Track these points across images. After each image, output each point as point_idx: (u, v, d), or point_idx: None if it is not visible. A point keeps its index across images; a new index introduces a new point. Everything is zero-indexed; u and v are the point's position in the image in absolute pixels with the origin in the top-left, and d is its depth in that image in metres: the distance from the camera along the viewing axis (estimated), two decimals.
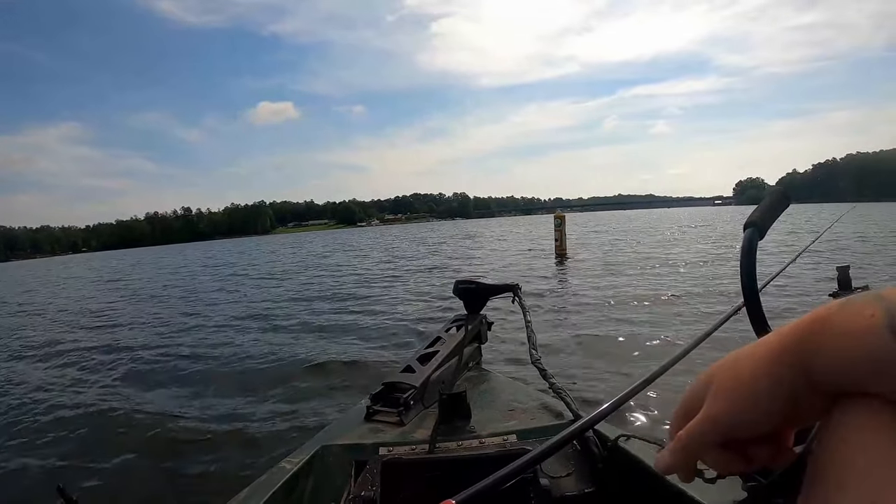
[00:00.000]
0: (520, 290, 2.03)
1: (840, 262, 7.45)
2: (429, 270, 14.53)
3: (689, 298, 7.53)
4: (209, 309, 10.37)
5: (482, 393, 1.67)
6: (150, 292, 15.62)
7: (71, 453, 3.55)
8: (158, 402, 4.48)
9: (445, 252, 22.72)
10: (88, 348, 7.23)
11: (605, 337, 5.56)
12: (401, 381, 1.56)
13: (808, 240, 2.30)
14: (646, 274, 10.58)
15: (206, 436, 3.62)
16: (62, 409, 4.47)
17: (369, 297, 10.01)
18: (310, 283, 13.59)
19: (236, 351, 6.24)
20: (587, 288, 9.10)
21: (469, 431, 1.35)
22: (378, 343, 6.12)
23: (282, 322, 8.05)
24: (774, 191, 0.82)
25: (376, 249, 29.14)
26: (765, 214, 0.78)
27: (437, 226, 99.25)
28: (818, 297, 6.52)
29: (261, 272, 19.69)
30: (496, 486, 0.53)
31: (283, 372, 5.08)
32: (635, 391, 0.71)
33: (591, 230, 32.01)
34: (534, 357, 1.71)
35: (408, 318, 7.47)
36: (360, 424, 1.46)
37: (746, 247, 0.72)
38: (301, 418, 3.84)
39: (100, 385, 5.28)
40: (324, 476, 1.26)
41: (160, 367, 5.77)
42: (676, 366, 0.88)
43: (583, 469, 1.21)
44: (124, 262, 44.35)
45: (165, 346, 6.95)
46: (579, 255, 15.72)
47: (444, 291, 9.11)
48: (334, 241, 47.77)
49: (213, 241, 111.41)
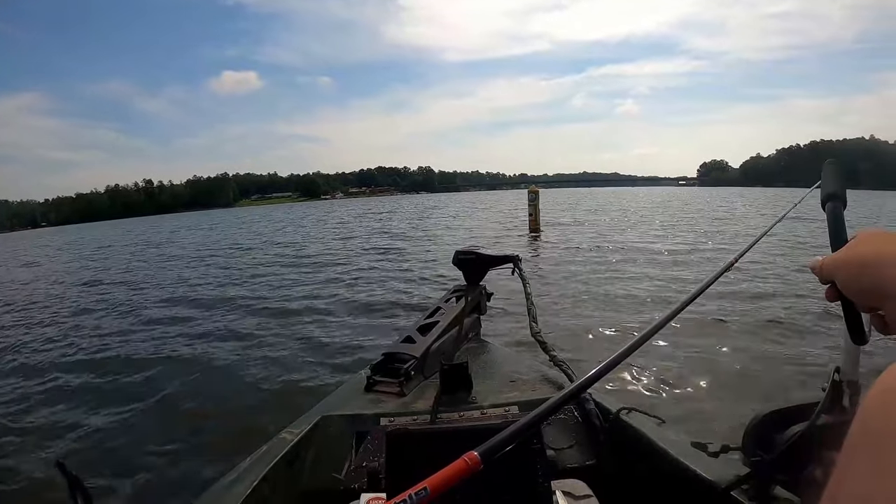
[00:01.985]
0: (520, 262, 2.06)
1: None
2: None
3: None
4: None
5: (483, 364, 1.67)
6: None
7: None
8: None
9: (424, 227, 21.80)
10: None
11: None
12: (401, 352, 1.55)
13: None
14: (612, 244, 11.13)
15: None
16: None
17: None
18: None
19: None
20: (565, 261, 9.50)
21: (471, 402, 1.36)
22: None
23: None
24: (833, 161, 0.81)
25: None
26: (840, 184, 0.75)
27: (402, 199, 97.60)
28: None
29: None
30: (514, 438, 0.54)
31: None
32: (632, 349, 0.70)
33: (558, 206, 32.14)
34: (534, 329, 1.76)
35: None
36: (360, 395, 1.48)
37: (833, 220, 0.67)
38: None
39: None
40: (325, 446, 1.27)
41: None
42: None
43: (585, 441, 1.25)
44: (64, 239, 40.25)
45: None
46: (553, 231, 15.96)
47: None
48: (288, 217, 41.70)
49: (179, 214, 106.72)
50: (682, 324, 4.55)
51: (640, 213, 25.76)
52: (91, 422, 3.55)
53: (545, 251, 11.57)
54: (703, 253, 10.12)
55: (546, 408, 0.60)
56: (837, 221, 0.67)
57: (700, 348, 4.17)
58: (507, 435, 0.54)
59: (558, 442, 1.23)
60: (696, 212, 25.06)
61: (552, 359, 1.60)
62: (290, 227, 27.68)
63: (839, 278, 0.51)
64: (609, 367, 0.68)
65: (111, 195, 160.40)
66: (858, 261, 0.49)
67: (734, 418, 2.79)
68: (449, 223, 23.71)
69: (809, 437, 0.82)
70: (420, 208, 42.71)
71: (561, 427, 1.29)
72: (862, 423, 0.32)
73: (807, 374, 3.49)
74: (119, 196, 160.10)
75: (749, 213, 23.02)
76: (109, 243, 26.28)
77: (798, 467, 0.84)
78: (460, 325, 1.82)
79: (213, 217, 59.27)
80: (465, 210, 36.48)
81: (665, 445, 1.11)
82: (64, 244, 31.40)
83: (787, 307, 5.44)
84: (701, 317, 4.92)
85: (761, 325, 4.80)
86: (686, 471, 1.02)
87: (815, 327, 4.67)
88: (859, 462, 0.31)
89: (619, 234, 14.80)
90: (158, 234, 31.72)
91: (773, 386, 3.32)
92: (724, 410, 3.01)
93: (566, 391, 0.65)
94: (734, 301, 5.69)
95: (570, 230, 16.44)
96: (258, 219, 41.86)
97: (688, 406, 3.20)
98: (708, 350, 4.14)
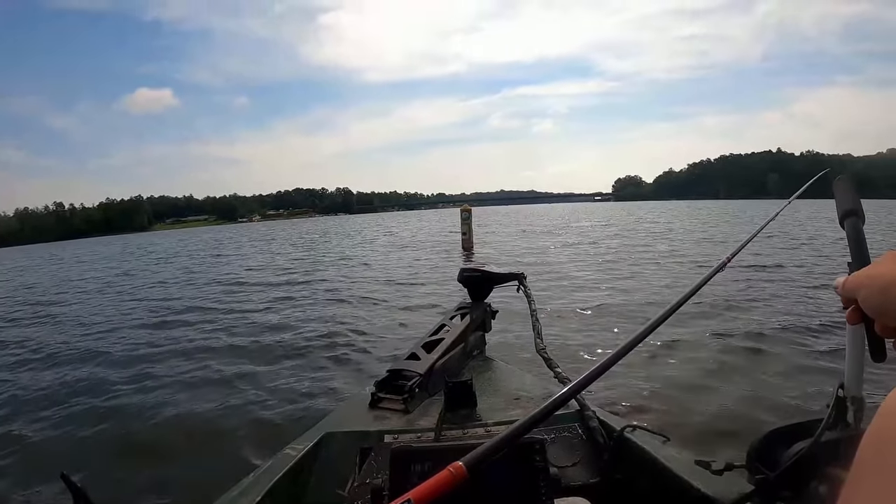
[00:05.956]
0: (525, 279, 2.06)
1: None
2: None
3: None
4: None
5: (487, 381, 1.67)
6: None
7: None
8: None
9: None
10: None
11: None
12: (406, 369, 1.54)
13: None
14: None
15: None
16: None
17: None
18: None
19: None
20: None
21: (475, 419, 1.36)
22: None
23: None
24: (844, 177, 0.82)
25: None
26: (856, 199, 0.76)
27: (320, 221, 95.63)
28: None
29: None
30: (499, 448, 0.55)
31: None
32: (625, 351, 0.71)
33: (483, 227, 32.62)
34: (539, 346, 1.76)
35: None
36: (364, 411, 1.46)
37: (854, 235, 0.68)
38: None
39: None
40: (328, 463, 1.26)
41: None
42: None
43: (589, 459, 1.24)
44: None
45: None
46: (483, 248, 16.19)
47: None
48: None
49: (91, 239, 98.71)
50: (681, 338, 4.64)
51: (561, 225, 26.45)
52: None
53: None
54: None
55: (526, 420, 0.61)
56: (859, 239, 0.68)
57: (699, 363, 4.21)
58: (492, 444, 0.55)
59: (562, 460, 1.21)
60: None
61: (557, 375, 1.61)
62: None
63: (862, 296, 0.52)
64: (597, 374, 0.68)
65: (20, 218, 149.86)
66: (885, 280, 0.49)
67: (738, 435, 2.84)
68: (364, 254, 18.03)
69: (814, 454, 0.82)
70: (327, 236, 34.54)
71: (564, 445, 1.28)
72: (873, 440, 0.32)
73: (809, 389, 3.52)
74: (29, 219, 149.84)
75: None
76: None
77: (802, 484, 0.84)
78: (465, 342, 1.82)
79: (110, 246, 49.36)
80: (383, 236, 30.30)
81: (669, 463, 1.12)
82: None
83: (789, 320, 5.48)
84: (701, 330, 5.04)
85: (761, 340, 4.82)
86: (690, 489, 1.03)
87: (818, 341, 4.69)
88: (870, 480, 0.31)
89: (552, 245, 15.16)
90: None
91: (775, 402, 3.35)
92: (728, 427, 3.04)
93: (548, 403, 0.65)
94: (735, 313, 5.83)
95: (505, 246, 16.80)
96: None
97: (691, 423, 3.20)
98: (708, 365, 4.17)
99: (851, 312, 0.54)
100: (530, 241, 19.22)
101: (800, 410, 3.13)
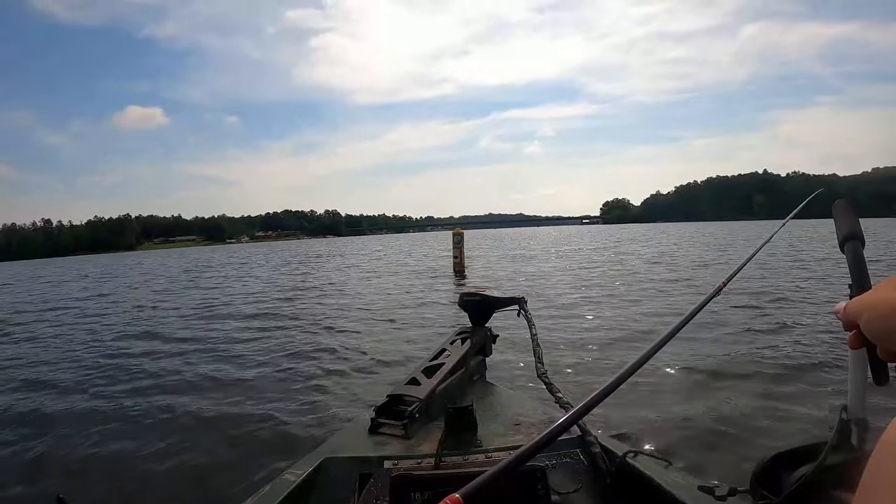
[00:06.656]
0: (526, 303, 2.06)
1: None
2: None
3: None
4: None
5: (488, 406, 1.66)
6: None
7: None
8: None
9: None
10: None
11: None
12: (406, 394, 1.54)
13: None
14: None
15: None
16: None
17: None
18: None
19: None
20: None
21: (476, 445, 1.35)
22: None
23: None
24: (844, 200, 0.82)
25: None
26: (856, 222, 0.76)
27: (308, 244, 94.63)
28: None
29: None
30: (499, 478, 0.55)
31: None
32: (623, 378, 0.70)
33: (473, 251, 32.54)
34: (540, 371, 1.76)
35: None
36: (364, 437, 1.45)
37: (854, 259, 0.68)
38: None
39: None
40: (327, 489, 1.24)
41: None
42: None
43: (591, 485, 1.23)
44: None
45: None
46: (477, 273, 16.12)
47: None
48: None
49: (78, 258, 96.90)
50: (684, 363, 4.63)
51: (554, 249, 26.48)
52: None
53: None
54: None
55: (526, 448, 0.60)
56: (859, 263, 0.68)
57: (705, 387, 4.21)
58: (492, 474, 0.54)
59: (564, 486, 1.19)
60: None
61: (558, 400, 1.60)
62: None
63: (863, 321, 0.52)
64: (598, 400, 0.68)
65: (7, 234, 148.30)
66: (887, 307, 0.50)
67: (742, 459, 2.81)
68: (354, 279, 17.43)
69: (818, 478, 0.82)
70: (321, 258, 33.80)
71: (567, 471, 1.27)
72: (878, 463, 0.32)
73: (812, 412, 3.51)
74: (16, 236, 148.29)
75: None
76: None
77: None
78: (466, 366, 1.81)
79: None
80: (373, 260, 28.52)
81: (672, 489, 1.10)
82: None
83: (792, 343, 5.47)
84: (702, 351, 5.04)
85: (765, 364, 4.82)
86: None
87: (820, 364, 4.67)
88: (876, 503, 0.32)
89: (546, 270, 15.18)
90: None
91: (777, 425, 3.35)
92: (731, 451, 3.02)
93: (550, 429, 0.64)
94: (737, 337, 5.84)
95: (496, 269, 16.80)
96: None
97: (694, 448, 3.18)
98: (712, 390, 4.16)
99: (853, 337, 0.54)
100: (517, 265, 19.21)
101: (802, 433, 3.10)
